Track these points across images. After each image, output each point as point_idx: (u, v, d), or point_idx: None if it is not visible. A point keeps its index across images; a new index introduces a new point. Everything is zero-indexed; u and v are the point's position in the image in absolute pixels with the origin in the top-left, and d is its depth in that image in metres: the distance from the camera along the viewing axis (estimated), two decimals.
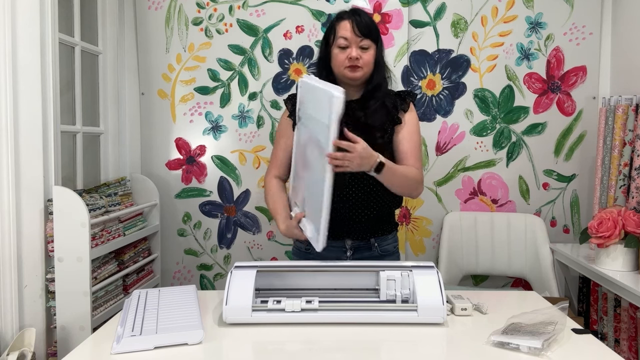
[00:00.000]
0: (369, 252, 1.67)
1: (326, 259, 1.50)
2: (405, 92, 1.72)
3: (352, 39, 1.58)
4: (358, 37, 1.58)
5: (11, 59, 1.72)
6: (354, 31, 1.57)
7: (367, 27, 1.59)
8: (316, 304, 1.30)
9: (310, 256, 1.65)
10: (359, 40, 1.58)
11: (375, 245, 1.67)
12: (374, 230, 1.67)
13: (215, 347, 1.20)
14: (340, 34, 1.59)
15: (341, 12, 1.64)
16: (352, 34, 1.57)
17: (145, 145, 2.59)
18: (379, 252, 1.68)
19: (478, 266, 2.51)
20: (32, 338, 1.69)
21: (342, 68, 1.61)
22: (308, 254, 1.67)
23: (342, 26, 1.60)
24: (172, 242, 2.60)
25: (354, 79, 1.61)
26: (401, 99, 1.68)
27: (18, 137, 1.74)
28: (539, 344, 1.13)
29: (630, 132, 2.16)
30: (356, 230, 1.65)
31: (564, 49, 2.52)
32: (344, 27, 1.59)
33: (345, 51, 1.59)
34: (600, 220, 1.96)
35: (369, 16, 1.63)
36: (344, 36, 1.58)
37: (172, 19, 2.54)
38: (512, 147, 2.57)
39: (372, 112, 1.63)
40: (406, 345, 1.21)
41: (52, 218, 1.79)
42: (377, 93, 1.65)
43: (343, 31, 1.59)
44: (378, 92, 1.65)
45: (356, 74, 1.60)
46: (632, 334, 2.10)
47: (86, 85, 2.29)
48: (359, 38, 1.58)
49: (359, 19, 1.59)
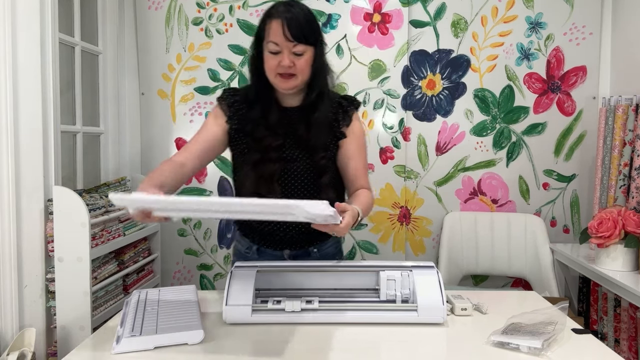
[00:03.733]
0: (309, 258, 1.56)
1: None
2: (348, 101, 1.52)
3: (283, 44, 1.34)
4: (290, 42, 1.34)
5: (11, 59, 1.72)
6: (285, 35, 1.33)
7: (301, 30, 1.34)
8: (316, 304, 1.30)
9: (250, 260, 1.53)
10: (292, 45, 1.35)
11: (314, 251, 1.56)
12: (311, 240, 1.55)
13: (215, 347, 1.20)
14: (271, 38, 1.35)
15: (272, 9, 1.38)
16: (283, 38, 1.34)
17: (145, 145, 2.59)
18: (318, 257, 1.56)
19: (478, 266, 2.51)
20: (32, 338, 1.69)
21: (273, 75, 1.39)
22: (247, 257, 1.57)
23: (272, 28, 1.35)
24: (172, 242, 2.60)
25: (286, 89, 1.41)
26: (343, 111, 1.49)
27: (18, 137, 1.74)
28: (539, 344, 1.13)
29: (630, 132, 2.16)
30: (293, 242, 1.53)
31: (564, 49, 2.52)
32: (274, 29, 1.34)
33: (277, 57, 1.36)
34: (600, 220, 1.96)
35: (305, 12, 1.39)
36: (274, 40, 1.35)
37: (172, 19, 2.54)
38: (512, 147, 2.57)
39: (315, 129, 1.44)
40: (406, 345, 1.21)
41: (52, 218, 1.79)
42: (320, 104, 1.44)
43: (273, 35, 1.35)
44: (320, 103, 1.44)
45: (288, 84, 1.39)
46: (632, 334, 2.10)
47: (86, 85, 2.30)
48: (292, 43, 1.34)
49: (291, 19, 1.34)
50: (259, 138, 1.44)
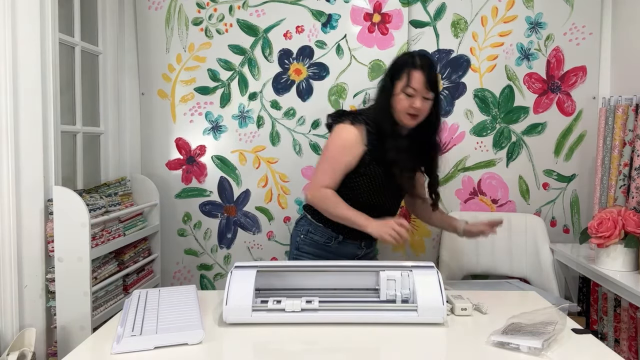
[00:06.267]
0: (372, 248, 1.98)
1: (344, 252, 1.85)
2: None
3: (421, 90, 1.70)
4: (426, 90, 1.71)
5: (11, 59, 1.72)
6: (425, 85, 1.69)
7: (435, 82, 1.74)
8: (316, 304, 1.30)
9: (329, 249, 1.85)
10: (426, 92, 1.71)
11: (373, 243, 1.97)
12: None
13: (215, 347, 1.20)
14: (412, 84, 1.70)
15: (417, 60, 1.73)
16: (422, 86, 1.70)
17: (145, 145, 2.59)
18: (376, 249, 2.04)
19: (478, 266, 2.51)
20: (32, 338, 1.69)
21: (402, 113, 1.73)
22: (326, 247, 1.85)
23: (415, 77, 1.70)
24: (172, 242, 2.60)
25: (410, 126, 1.76)
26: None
27: (18, 137, 1.74)
28: (539, 344, 1.13)
29: (630, 132, 2.16)
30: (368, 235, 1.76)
31: (564, 49, 2.52)
32: (417, 78, 1.70)
33: (410, 99, 1.71)
34: (600, 220, 1.96)
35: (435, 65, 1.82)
36: (414, 87, 1.70)
37: (172, 19, 2.54)
38: (512, 147, 2.57)
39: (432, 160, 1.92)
40: (406, 345, 1.21)
41: (52, 218, 1.79)
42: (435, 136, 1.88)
43: (415, 82, 1.69)
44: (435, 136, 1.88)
45: (413, 122, 1.75)
46: (632, 334, 2.10)
47: (86, 85, 2.29)
48: (426, 90, 1.71)
49: (430, 73, 1.71)
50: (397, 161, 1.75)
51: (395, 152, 1.74)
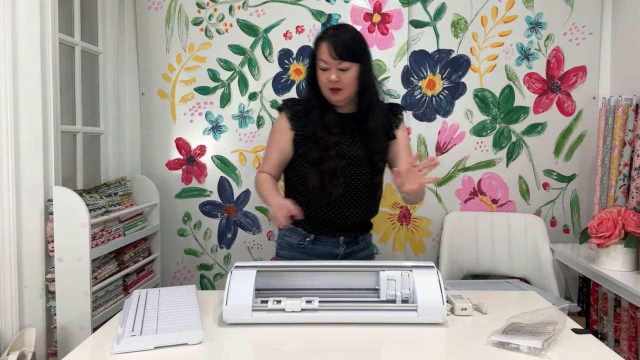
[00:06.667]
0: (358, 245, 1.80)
1: (321, 252, 1.72)
2: (396, 107, 1.79)
3: (330, 62, 1.60)
4: (335, 60, 1.59)
5: (11, 59, 1.72)
6: (331, 54, 1.59)
7: (345, 49, 1.59)
8: (316, 304, 1.30)
9: (304, 250, 1.74)
10: (337, 62, 1.59)
11: (361, 238, 1.80)
12: (362, 228, 1.80)
13: (215, 347, 1.20)
14: (320, 57, 1.62)
15: (321, 33, 1.67)
16: (329, 57, 1.59)
17: (145, 145, 2.59)
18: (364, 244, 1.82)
19: (478, 266, 2.51)
20: (32, 338, 1.69)
21: (325, 89, 1.65)
22: (300, 248, 1.74)
23: (321, 49, 1.62)
24: (172, 242, 2.60)
25: (336, 102, 1.67)
26: (393, 115, 1.76)
27: (18, 137, 1.74)
28: (539, 344, 1.13)
29: (630, 132, 2.16)
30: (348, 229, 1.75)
31: (564, 49, 2.52)
32: (323, 49, 1.61)
33: (326, 73, 1.62)
34: (600, 220, 1.96)
35: (351, 33, 1.65)
36: (323, 59, 1.61)
37: (172, 19, 2.54)
38: (512, 147, 2.57)
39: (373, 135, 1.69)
40: (406, 345, 1.21)
41: (52, 218, 1.79)
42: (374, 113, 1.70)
43: (322, 54, 1.61)
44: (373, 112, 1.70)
45: (337, 97, 1.65)
46: (632, 334, 2.10)
47: (86, 85, 2.29)
48: (337, 61, 1.59)
49: (337, 41, 1.60)
50: (318, 138, 1.65)
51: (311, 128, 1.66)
